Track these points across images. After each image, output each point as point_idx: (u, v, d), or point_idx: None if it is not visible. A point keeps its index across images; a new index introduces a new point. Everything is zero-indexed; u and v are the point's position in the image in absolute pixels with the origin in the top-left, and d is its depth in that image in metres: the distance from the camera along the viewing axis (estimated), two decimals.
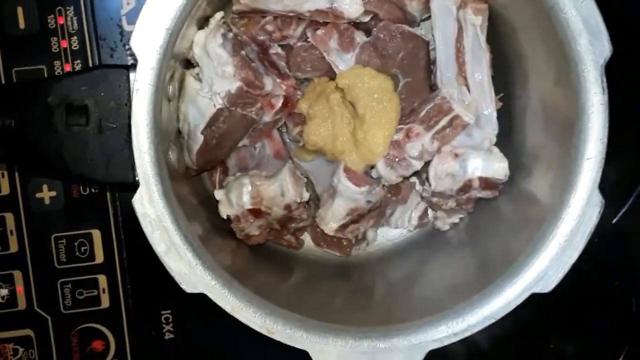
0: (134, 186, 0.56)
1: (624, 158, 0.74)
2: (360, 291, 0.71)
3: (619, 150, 0.60)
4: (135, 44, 0.54)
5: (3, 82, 0.71)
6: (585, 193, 0.57)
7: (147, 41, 0.54)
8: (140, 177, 0.55)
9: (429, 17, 0.70)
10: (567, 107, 0.58)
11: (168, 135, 0.63)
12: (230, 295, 0.57)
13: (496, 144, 0.68)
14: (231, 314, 0.57)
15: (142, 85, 0.54)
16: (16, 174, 0.73)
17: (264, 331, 0.57)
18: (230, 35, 0.63)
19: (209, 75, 0.63)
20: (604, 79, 0.56)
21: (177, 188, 0.61)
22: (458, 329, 0.58)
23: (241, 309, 0.57)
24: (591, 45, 0.55)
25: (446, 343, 0.58)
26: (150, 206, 0.55)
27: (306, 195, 0.66)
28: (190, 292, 0.56)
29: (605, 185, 0.59)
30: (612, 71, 0.57)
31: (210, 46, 0.62)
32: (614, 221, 0.78)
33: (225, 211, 0.66)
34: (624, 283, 0.80)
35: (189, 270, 0.56)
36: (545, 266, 0.57)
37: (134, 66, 0.55)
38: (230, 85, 0.63)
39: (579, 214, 0.57)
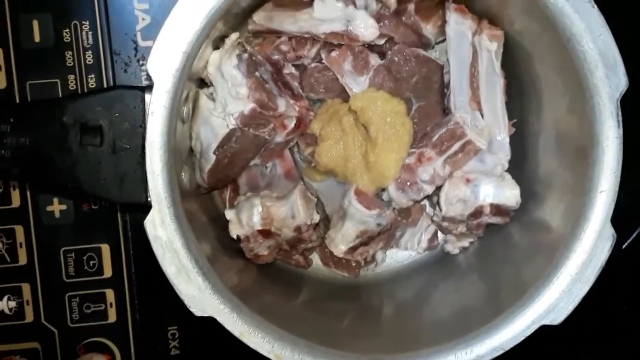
0: (146, 207, 0.56)
1: (635, 183, 0.73)
2: (368, 313, 0.71)
3: (629, 175, 0.60)
4: (151, 66, 0.54)
5: (17, 96, 0.72)
6: (597, 226, 0.57)
7: (163, 64, 0.54)
8: (153, 199, 0.55)
9: (444, 40, 0.69)
10: (581, 136, 0.58)
11: (180, 154, 0.63)
12: (239, 320, 0.57)
13: (508, 170, 0.68)
14: (239, 338, 0.57)
15: (157, 108, 0.54)
16: (27, 187, 0.73)
17: (271, 356, 0.57)
18: (245, 56, 0.63)
19: (222, 96, 0.64)
20: (619, 112, 0.56)
21: (188, 207, 0.61)
22: (467, 359, 0.57)
23: (250, 333, 0.57)
24: (607, 78, 0.55)
25: None
26: (162, 229, 0.55)
27: (316, 218, 0.66)
28: (199, 315, 0.56)
29: (616, 211, 0.58)
30: (627, 99, 0.57)
31: (224, 67, 0.63)
32: (623, 247, 0.77)
33: (235, 231, 0.66)
34: (632, 309, 0.80)
35: (198, 293, 0.56)
36: (556, 298, 0.57)
37: (149, 87, 0.55)
38: (243, 106, 0.63)
39: (590, 247, 0.57)
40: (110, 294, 0.75)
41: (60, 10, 0.72)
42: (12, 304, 0.75)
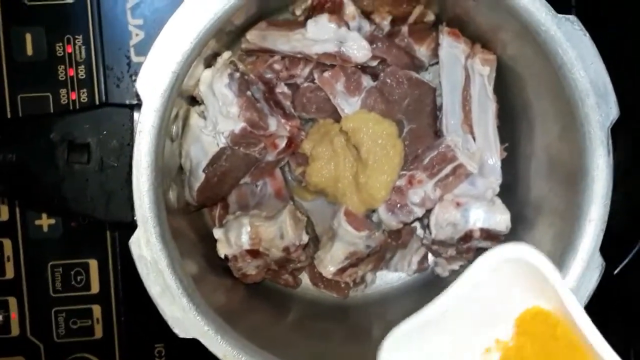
0: (132, 225, 0.56)
1: (628, 209, 0.73)
2: (356, 335, 0.70)
3: (622, 201, 0.60)
4: (140, 85, 0.54)
5: (9, 109, 0.71)
6: (586, 255, 0.56)
7: (152, 83, 0.54)
8: (138, 218, 0.55)
9: (437, 62, 0.69)
10: (572, 164, 0.58)
11: (169, 172, 0.63)
12: (223, 342, 0.56)
13: (499, 194, 0.68)
14: None
15: (145, 127, 0.54)
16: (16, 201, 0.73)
17: None
18: (237, 75, 0.63)
19: (213, 114, 0.63)
20: (610, 141, 0.56)
21: (176, 225, 0.61)
22: None
23: (233, 356, 0.56)
24: (598, 107, 0.55)
25: None
26: (147, 248, 0.55)
27: (305, 239, 0.66)
28: (183, 337, 0.56)
29: (609, 236, 0.58)
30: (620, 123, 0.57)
31: (216, 86, 0.62)
32: (615, 272, 0.77)
33: (223, 250, 0.66)
34: (622, 335, 0.79)
35: (182, 314, 0.56)
36: None
37: (138, 106, 0.55)
38: (234, 125, 0.63)
39: (578, 275, 0.57)
40: (97, 310, 0.75)
41: (54, 24, 0.72)
42: None
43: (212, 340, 0.56)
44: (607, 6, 0.73)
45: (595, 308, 0.61)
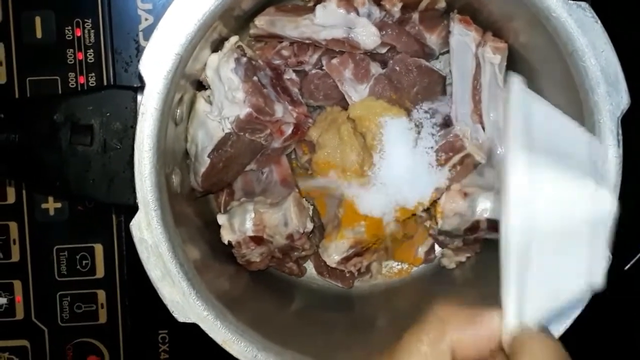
0: (134, 208, 0.55)
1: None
2: (360, 325, 0.70)
3: (634, 196, 0.59)
4: (143, 67, 0.54)
5: (17, 92, 0.71)
6: None
7: (155, 65, 0.54)
8: (139, 201, 0.54)
9: (448, 51, 0.68)
10: None
11: (174, 156, 0.62)
12: (222, 328, 0.56)
13: None
14: (222, 346, 0.56)
15: (147, 109, 0.54)
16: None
17: None
18: (244, 60, 0.62)
19: (219, 99, 0.63)
20: (620, 131, 0.55)
21: (180, 210, 0.60)
22: None
23: (232, 342, 0.56)
24: (609, 95, 0.54)
25: None
26: (148, 232, 0.55)
27: (310, 226, 0.65)
28: (182, 321, 0.56)
29: (619, 232, 0.57)
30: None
31: (222, 70, 0.62)
32: (626, 268, 0.76)
33: (226, 236, 0.65)
34: (633, 332, 0.78)
35: (182, 299, 0.55)
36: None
37: (141, 88, 0.55)
38: (239, 111, 0.62)
39: None
40: (101, 295, 0.75)
41: (63, 7, 0.72)
42: (3, 300, 0.74)
43: (211, 325, 0.56)
44: None
45: (606, 304, 0.60)
